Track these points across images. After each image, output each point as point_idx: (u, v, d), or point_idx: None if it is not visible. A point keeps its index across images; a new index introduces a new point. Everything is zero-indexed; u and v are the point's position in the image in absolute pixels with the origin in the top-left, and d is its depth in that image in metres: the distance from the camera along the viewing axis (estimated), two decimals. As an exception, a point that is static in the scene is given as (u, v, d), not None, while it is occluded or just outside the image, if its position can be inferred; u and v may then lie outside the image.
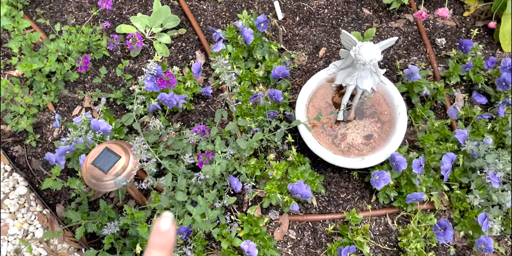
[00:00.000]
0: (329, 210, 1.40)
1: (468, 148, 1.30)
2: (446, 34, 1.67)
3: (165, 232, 0.40)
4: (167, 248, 0.40)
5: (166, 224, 0.40)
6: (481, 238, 1.25)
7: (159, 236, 0.40)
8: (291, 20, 1.72)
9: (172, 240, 0.40)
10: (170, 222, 0.40)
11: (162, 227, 0.40)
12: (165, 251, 0.40)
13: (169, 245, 0.40)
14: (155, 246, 0.40)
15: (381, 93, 1.43)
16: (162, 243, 0.40)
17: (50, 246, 1.44)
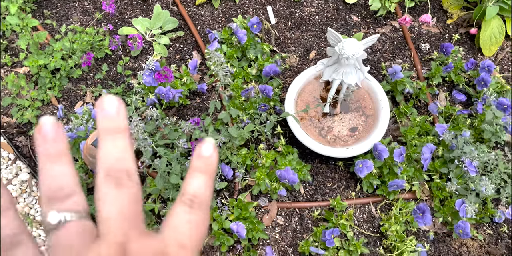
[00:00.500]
0: (316, 198, 1.48)
1: (446, 138, 1.39)
2: (430, 40, 1.79)
3: (208, 157, 0.37)
4: (209, 172, 0.37)
5: (209, 149, 0.37)
6: (459, 223, 1.32)
7: (202, 160, 0.37)
8: (284, 24, 1.84)
9: (215, 165, 0.37)
10: (213, 147, 0.37)
11: (204, 152, 0.37)
12: (208, 174, 0.37)
13: (212, 170, 0.37)
14: (196, 169, 0.37)
15: (366, 89, 1.53)
16: (205, 167, 0.37)
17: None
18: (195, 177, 0.36)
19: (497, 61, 1.72)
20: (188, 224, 0.33)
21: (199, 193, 0.35)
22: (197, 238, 0.34)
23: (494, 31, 1.68)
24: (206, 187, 0.36)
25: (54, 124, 0.34)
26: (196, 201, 0.35)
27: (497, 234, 1.41)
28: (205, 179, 0.36)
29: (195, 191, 0.36)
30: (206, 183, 0.36)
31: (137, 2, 1.96)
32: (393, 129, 1.59)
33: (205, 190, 0.36)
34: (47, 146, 0.33)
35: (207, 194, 0.36)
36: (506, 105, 1.47)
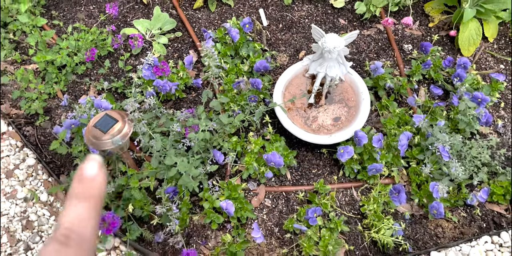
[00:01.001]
0: (301, 182, 1.59)
1: (422, 126, 1.51)
2: (413, 42, 1.93)
3: (91, 179, 0.32)
4: (93, 198, 0.31)
5: (93, 169, 0.32)
6: (433, 203, 1.43)
7: (84, 184, 0.32)
8: (275, 26, 1.98)
9: (100, 188, 0.32)
10: (98, 166, 0.32)
11: (88, 173, 0.32)
12: (90, 202, 0.31)
13: (96, 195, 0.32)
14: (76, 196, 0.31)
15: (348, 82, 1.66)
16: (87, 193, 0.32)
17: (53, 208, 1.62)
18: (74, 206, 0.31)
19: (475, 60, 1.85)
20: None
21: (77, 227, 0.30)
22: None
23: (472, 33, 1.82)
24: (88, 218, 0.30)
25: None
26: (73, 237, 0.29)
27: (471, 216, 1.51)
28: (86, 207, 0.31)
29: (72, 224, 0.30)
30: (87, 213, 0.31)
31: (138, 6, 2.11)
32: (375, 122, 1.71)
33: (85, 223, 0.30)
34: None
35: (88, 228, 0.30)
36: (480, 98, 1.59)
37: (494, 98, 1.66)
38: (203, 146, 1.55)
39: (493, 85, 1.67)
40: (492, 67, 1.84)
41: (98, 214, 0.31)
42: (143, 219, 1.55)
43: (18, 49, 2.03)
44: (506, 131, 1.67)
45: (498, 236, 1.45)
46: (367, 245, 1.46)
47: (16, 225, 1.62)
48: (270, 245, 1.48)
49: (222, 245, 1.48)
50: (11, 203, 1.66)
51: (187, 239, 1.52)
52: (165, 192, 1.47)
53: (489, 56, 1.87)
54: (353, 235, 1.48)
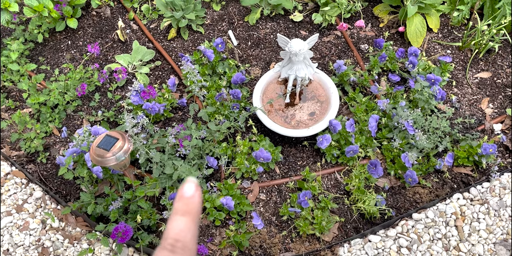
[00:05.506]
0: (289, 174, 1.86)
1: (386, 108, 1.81)
2: (368, 42, 2.27)
3: (189, 198, 0.39)
4: (192, 213, 0.38)
5: (191, 189, 0.39)
6: (407, 172, 1.71)
7: (183, 202, 0.39)
8: (244, 44, 2.31)
9: (197, 205, 0.39)
10: (195, 187, 0.39)
11: (187, 193, 0.39)
12: (190, 217, 0.38)
13: (194, 211, 0.39)
14: (178, 212, 0.38)
15: (317, 81, 1.96)
16: (186, 209, 0.38)
17: (66, 232, 1.86)
18: (177, 220, 0.37)
19: (424, 49, 2.18)
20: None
21: (181, 237, 0.37)
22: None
23: (418, 26, 2.16)
24: (188, 229, 0.37)
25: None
26: (178, 245, 0.36)
27: (442, 181, 1.79)
28: (187, 221, 0.37)
29: (176, 235, 0.37)
30: (188, 226, 0.37)
31: (117, 44, 2.43)
32: (346, 113, 2.00)
33: (187, 233, 0.37)
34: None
35: (189, 237, 0.37)
36: (433, 79, 1.91)
37: (445, 77, 1.98)
38: (197, 153, 1.82)
39: (442, 67, 2.00)
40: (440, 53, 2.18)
41: (196, 227, 0.39)
42: (151, 228, 1.79)
43: (9, 97, 2.31)
44: (461, 104, 1.99)
45: (468, 192, 1.73)
46: (356, 218, 1.72)
47: (32, 253, 1.84)
48: (270, 233, 1.73)
49: (227, 238, 1.72)
50: (25, 234, 1.89)
51: (195, 240, 1.75)
52: (169, 199, 1.73)
53: (436, 44, 2.21)
54: (342, 211, 1.74)
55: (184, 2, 2.31)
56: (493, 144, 1.74)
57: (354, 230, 1.72)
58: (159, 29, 2.43)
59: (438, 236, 1.66)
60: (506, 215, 1.68)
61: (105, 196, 1.87)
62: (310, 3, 2.42)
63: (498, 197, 1.72)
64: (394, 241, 1.66)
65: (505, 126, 1.93)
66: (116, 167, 1.69)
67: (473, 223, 1.68)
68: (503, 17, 2.07)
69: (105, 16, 2.53)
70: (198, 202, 0.40)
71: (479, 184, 1.77)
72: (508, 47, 2.19)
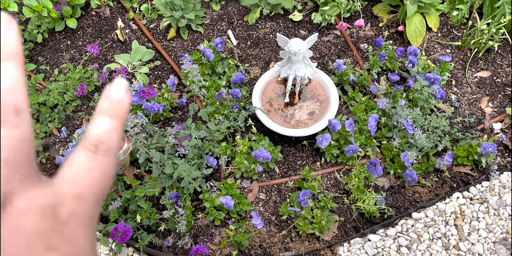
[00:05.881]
0: (289, 174, 1.87)
1: (386, 107, 1.82)
2: (367, 41, 2.27)
3: (117, 100, 0.35)
4: (120, 117, 0.35)
5: (119, 92, 0.35)
6: (407, 171, 1.72)
7: (111, 104, 0.35)
8: (244, 44, 2.32)
9: (126, 109, 0.35)
10: (124, 89, 0.35)
11: (113, 95, 0.35)
12: (116, 119, 0.34)
13: (121, 114, 0.35)
14: (104, 112, 0.34)
15: (317, 80, 1.97)
16: (114, 111, 0.35)
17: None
18: (102, 120, 0.34)
19: (424, 49, 2.19)
20: (89, 173, 0.32)
21: (105, 139, 0.34)
22: (98, 189, 0.32)
23: (417, 26, 2.17)
24: (114, 132, 0.34)
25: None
26: (102, 147, 0.33)
27: (442, 180, 1.79)
28: (113, 123, 0.34)
29: (100, 136, 0.34)
30: (114, 128, 0.34)
31: (116, 44, 2.44)
32: (345, 113, 2.01)
33: (112, 136, 0.34)
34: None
35: (114, 140, 0.34)
36: (432, 78, 1.92)
37: (445, 76, 1.98)
38: (196, 153, 1.83)
39: (442, 66, 2.00)
40: (440, 53, 2.18)
41: (120, 133, 0.35)
42: (151, 228, 1.80)
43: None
44: (460, 104, 1.99)
45: (468, 191, 1.74)
46: (356, 218, 1.73)
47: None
48: (270, 232, 1.74)
49: (227, 238, 1.72)
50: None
51: (194, 239, 1.76)
52: (169, 198, 1.73)
53: (435, 43, 2.22)
54: (342, 210, 1.75)
55: (184, 2, 2.31)
56: (492, 143, 1.75)
57: (354, 229, 1.73)
58: (158, 29, 2.43)
59: (438, 235, 1.67)
60: (506, 214, 1.69)
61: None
62: (310, 3, 2.42)
63: (497, 196, 1.73)
64: (393, 240, 1.67)
65: (504, 125, 1.94)
66: (115, 167, 1.69)
67: (473, 222, 1.68)
68: (502, 16, 2.07)
69: (105, 16, 2.54)
70: (127, 106, 0.35)
71: (478, 183, 1.77)
72: (508, 46, 2.20)
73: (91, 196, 0.32)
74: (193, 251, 1.67)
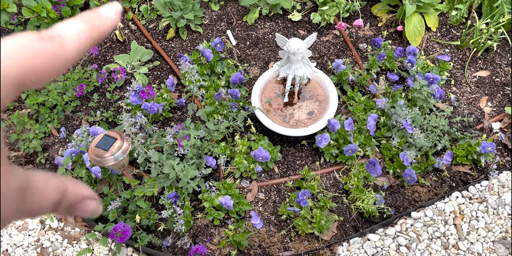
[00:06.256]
0: (288, 174, 1.87)
1: (385, 107, 1.82)
2: (366, 41, 2.28)
3: (103, 15, 0.32)
4: (94, 25, 0.31)
5: (111, 10, 0.32)
6: (406, 171, 1.72)
7: (94, 13, 0.32)
8: (243, 44, 2.32)
9: (107, 25, 0.32)
10: (116, 11, 0.32)
11: (103, 10, 0.32)
12: (90, 26, 0.30)
13: (99, 25, 0.31)
14: (80, 18, 0.31)
15: (316, 80, 1.97)
16: (93, 20, 0.31)
17: (65, 232, 1.86)
18: (73, 21, 0.31)
19: (423, 48, 2.19)
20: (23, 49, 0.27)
21: (65, 33, 0.30)
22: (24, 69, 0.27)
23: (416, 25, 2.17)
24: (80, 34, 0.30)
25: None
26: (57, 39, 0.29)
27: (441, 179, 1.80)
28: (84, 28, 0.30)
29: (61, 31, 0.30)
30: (81, 31, 0.30)
31: (115, 44, 2.44)
32: (344, 112, 2.01)
33: (75, 36, 0.30)
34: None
35: (74, 40, 0.30)
36: (431, 78, 1.92)
37: (444, 76, 1.99)
38: (195, 153, 1.83)
39: (441, 66, 2.01)
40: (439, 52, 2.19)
41: (87, 43, 0.31)
42: (150, 228, 1.80)
43: (8, 98, 2.31)
44: (459, 103, 1.99)
45: (467, 191, 1.74)
46: (355, 217, 1.73)
47: (32, 254, 1.85)
48: (270, 232, 1.74)
49: (226, 238, 1.73)
50: (24, 235, 1.89)
51: (193, 239, 1.76)
52: (167, 198, 1.74)
53: (434, 43, 2.22)
54: (341, 210, 1.75)
55: (183, 2, 2.32)
56: (491, 142, 1.75)
57: (353, 229, 1.73)
58: (157, 29, 2.44)
59: (437, 234, 1.67)
60: (505, 213, 1.69)
61: (104, 196, 1.88)
62: (309, 3, 2.43)
63: (496, 195, 1.73)
64: (393, 240, 1.67)
65: (503, 124, 1.94)
66: (114, 167, 1.70)
67: (472, 221, 1.68)
68: (501, 16, 2.08)
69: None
70: (110, 24, 0.31)
71: (477, 182, 1.77)
72: (507, 45, 2.20)
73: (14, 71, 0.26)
74: (193, 251, 1.67)
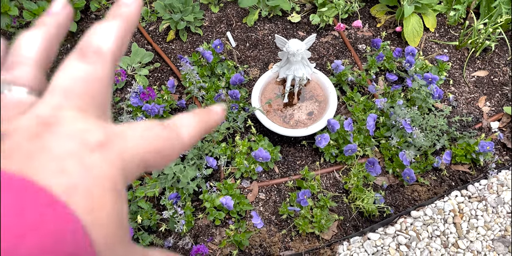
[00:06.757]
0: (289, 174, 1.88)
1: (384, 107, 1.84)
2: (365, 42, 2.29)
3: (126, 3, 0.31)
4: (122, 16, 0.31)
5: (219, 108, 0.33)
6: (405, 170, 1.73)
7: (117, 6, 0.32)
8: (243, 46, 2.34)
9: (134, 12, 0.32)
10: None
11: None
12: (121, 21, 0.31)
13: (127, 14, 0.31)
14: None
15: (315, 81, 1.99)
16: (118, 11, 0.31)
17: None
18: (102, 24, 0.30)
19: (421, 49, 2.21)
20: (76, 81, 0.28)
21: (99, 42, 0.30)
22: (90, 100, 0.28)
23: (415, 26, 2.19)
24: (113, 34, 0.30)
25: None
26: (90, 50, 0.29)
27: (440, 178, 1.81)
28: (113, 23, 0.30)
29: (93, 40, 0.30)
30: (116, 29, 0.30)
31: (116, 46, 2.46)
32: (344, 113, 2.03)
33: (108, 38, 0.30)
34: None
35: (109, 41, 0.30)
36: (430, 78, 1.94)
37: (443, 76, 2.01)
38: (196, 153, 1.85)
39: (439, 66, 2.02)
40: (437, 53, 2.21)
41: (127, 35, 0.31)
42: (152, 228, 1.82)
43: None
44: (458, 103, 2.01)
45: (466, 190, 1.75)
46: (355, 216, 1.74)
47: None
48: (270, 232, 1.76)
49: (227, 238, 1.74)
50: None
51: (194, 240, 1.78)
52: (168, 199, 1.75)
53: (433, 43, 2.24)
54: (341, 210, 1.76)
55: (183, 5, 2.34)
56: (490, 141, 1.77)
57: (353, 228, 1.75)
58: (157, 31, 2.46)
59: (437, 233, 1.68)
60: (504, 212, 1.70)
61: (106, 197, 1.90)
62: (308, 4, 2.45)
63: (496, 194, 1.75)
64: (393, 239, 1.69)
65: (502, 124, 1.96)
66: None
67: (471, 220, 1.70)
68: (499, 16, 2.10)
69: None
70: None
71: (476, 181, 1.79)
72: (505, 45, 2.22)
73: (74, 103, 0.27)
74: (194, 251, 1.69)
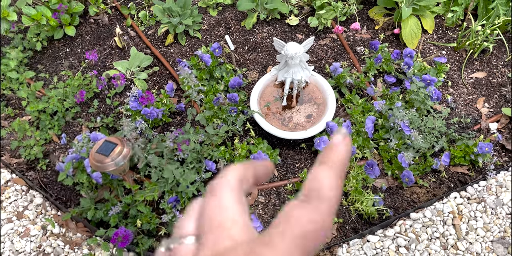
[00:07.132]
0: (288, 177, 1.89)
1: (382, 109, 1.84)
2: (364, 44, 2.30)
3: (334, 147, 0.36)
4: (334, 163, 0.35)
5: (337, 138, 0.36)
6: (404, 172, 1.74)
7: (326, 152, 0.36)
8: (241, 49, 2.35)
9: (341, 154, 0.35)
10: (342, 137, 0.36)
11: (334, 141, 0.36)
12: (329, 165, 0.35)
13: (335, 160, 0.35)
14: (318, 162, 0.36)
15: (314, 83, 2.00)
16: (328, 158, 0.35)
17: (67, 238, 1.88)
18: (313, 169, 0.35)
19: (419, 51, 2.22)
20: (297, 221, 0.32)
21: (315, 185, 0.34)
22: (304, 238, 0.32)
23: (413, 28, 2.20)
24: (323, 178, 0.34)
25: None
26: (312, 194, 0.34)
27: (439, 180, 1.82)
28: (324, 170, 0.35)
29: (310, 185, 0.34)
30: (325, 174, 0.34)
31: (115, 51, 2.47)
32: (343, 115, 2.03)
33: (322, 181, 0.34)
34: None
35: (324, 187, 0.34)
36: (428, 80, 1.94)
37: (441, 78, 2.01)
38: (195, 157, 1.85)
39: (438, 67, 2.03)
40: (435, 54, 2.21)
41: (338, 177, 0.34)
42: (151, 232, 1.82)
43: (9, 105, 2.34)
44: (456, 104, 2.02)
45: (465, 191, 1.76)
46: (355, 219, 1.75)
47: (34, 259, 1.87)
48: (271, 234, 1.76)
49: (228, 241, 1.74)
50: (25, 241, 1.91)
51: (195, 243, 1.78)
52: (168, 203, 1.76)
53: (431, 45, 2.25)
54: (341, 212, 1.77)
55: (181, 8, 2.35)
56: (489, 143, 1.77)
57: (353, 230, 1.75)
58: (156, 35, 2.47)
59: (436, 235, 1.68)
60: (503, 213, 1.71)
61: (105, 201, 1.90)
62: (306, 7, 2.45)
63: (494, 195, 1.75)
64: (392, 241, 1.69)
65: (500, 125, 1.96)
66: (115, 172, 1.72)
67: (471, 221, 1.70)
68: (496, 18, 2.10)
69: (103, 23, 2.57)
70: (343, 151, 0.35)
71: (475, 183, 1.79)
72: (503, 46, 2.23)
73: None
74: (194, 254, 1.69)
